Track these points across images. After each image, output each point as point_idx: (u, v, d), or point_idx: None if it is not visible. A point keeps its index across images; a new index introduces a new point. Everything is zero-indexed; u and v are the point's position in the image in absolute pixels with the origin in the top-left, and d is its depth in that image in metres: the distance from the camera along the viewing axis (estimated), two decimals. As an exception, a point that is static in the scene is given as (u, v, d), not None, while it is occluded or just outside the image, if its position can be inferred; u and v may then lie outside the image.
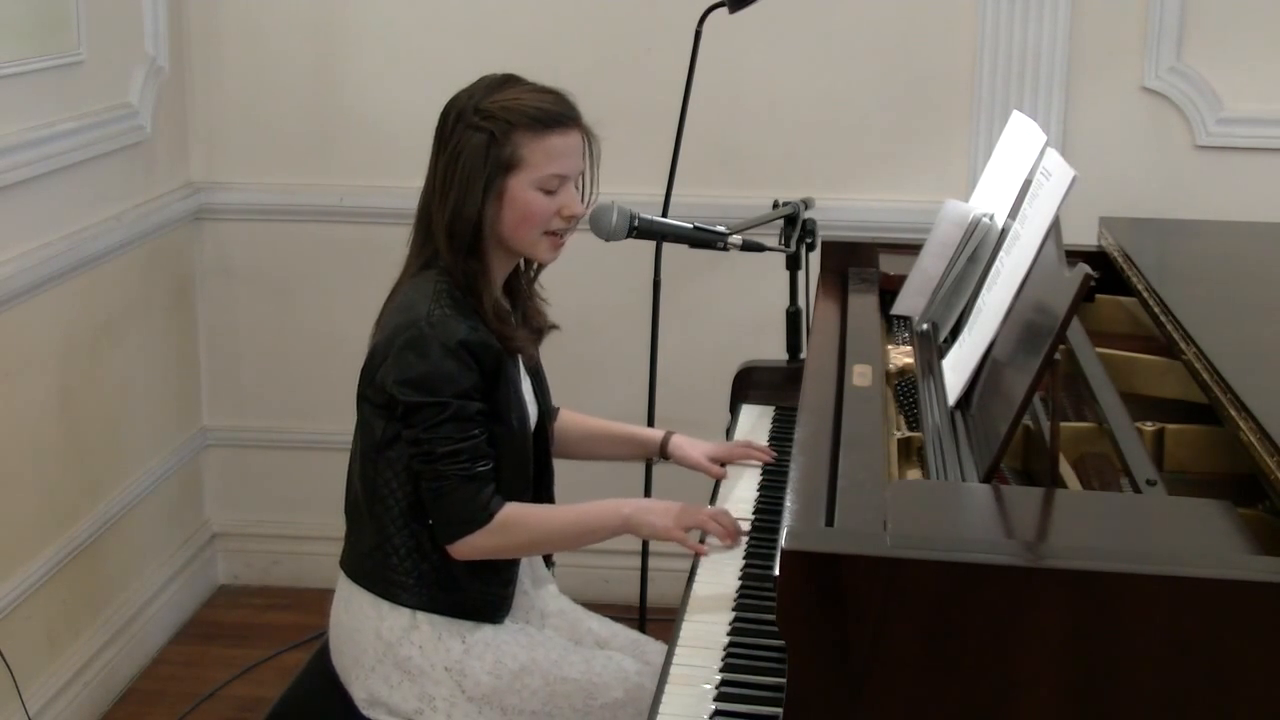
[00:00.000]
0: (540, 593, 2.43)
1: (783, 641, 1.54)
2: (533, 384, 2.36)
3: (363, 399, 2.27)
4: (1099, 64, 3.48)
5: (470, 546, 2.19)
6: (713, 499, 2.46)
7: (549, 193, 2.22)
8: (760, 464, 2.55)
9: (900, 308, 2.55)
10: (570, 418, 2.57)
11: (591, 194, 2.33)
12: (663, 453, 2.57)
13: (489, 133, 2.19)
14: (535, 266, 2.38)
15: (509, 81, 2.26)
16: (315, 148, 3.77)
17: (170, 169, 3.71)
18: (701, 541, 2.26)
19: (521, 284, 2.37)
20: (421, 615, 2.24)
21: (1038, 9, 3.43)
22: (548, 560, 2.48)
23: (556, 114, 2.22)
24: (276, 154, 3.78)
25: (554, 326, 2.42)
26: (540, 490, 2.37)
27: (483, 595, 2.26)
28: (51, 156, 3.12)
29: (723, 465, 2.54)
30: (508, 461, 2.24)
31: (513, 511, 2.21)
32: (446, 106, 2.26)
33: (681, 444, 2.55)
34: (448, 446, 2.16)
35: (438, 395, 2.15)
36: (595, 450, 2.60)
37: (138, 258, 3.53)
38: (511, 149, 2.19)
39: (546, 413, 2.40)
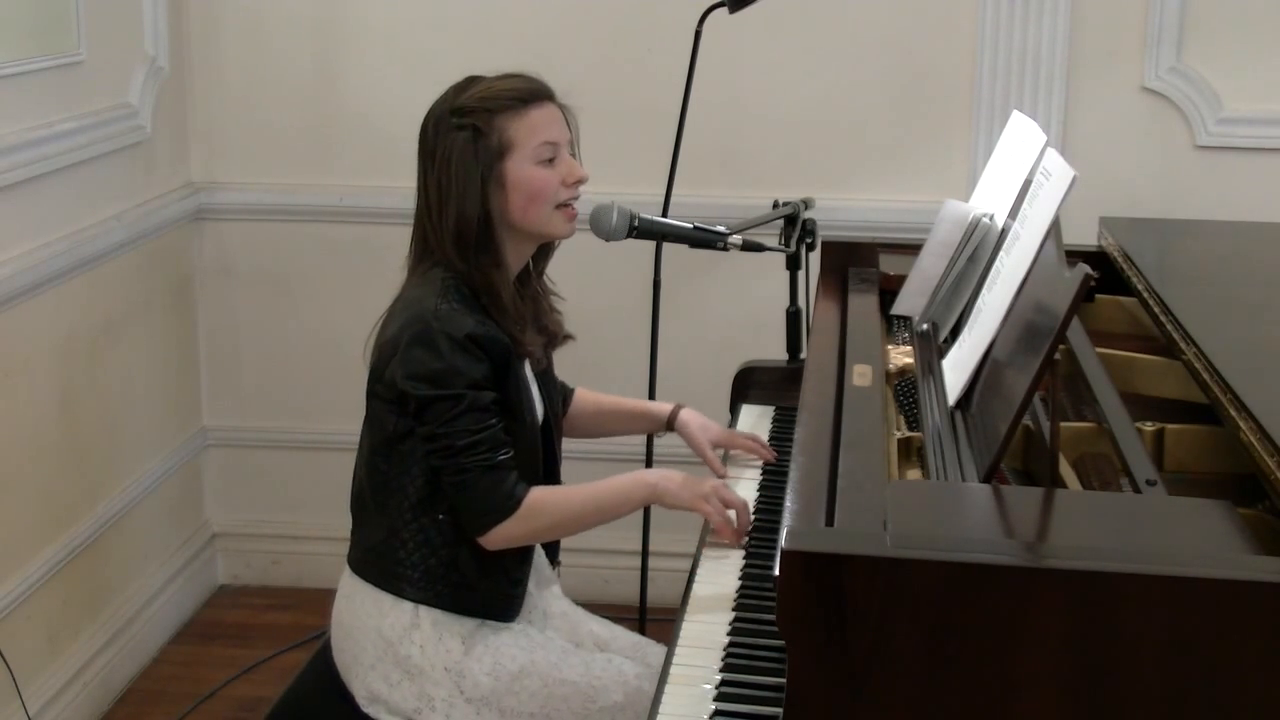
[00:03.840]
0: (544, 593, 2.43)
1: (783, 641, 1.54)
2: (540, 387, 2.36)
3: (372, 395, 2.27)
4: (1099, 64, 3.48)
5: (502, 535, 2.19)
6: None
7: (548, 165, 2.24)
8: (760, 464, 2.55)
9: (900, 308, 2.55)
10: (583, 396, 2.59)
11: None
12: (670, 425, 2.57)
13: (471, 127, 2.21)
14: (544, 260, 2.38)
15: (473, 80, 2.28)
16: (315, 148, 3.77)
17: (170, 169, 3.71)
18: (703, 538, 2.26)
19: (531, 284, 2.38)
20: (424, 612, 2.24)
21: (1038, 9, 3.42)
22: (553, 559, 2.48)
23: (530, 90, 2.25)
24: (276, 154, 3.78)
25: (569, 336, 2.42)
26: None
27: (492, 594, 2.26)
28: (51, 156, 3.12)
29: (725, 453, 2.54)
30: (518, 457, 2.23)
31: (539, 495, 2.21)
32: (424, 120, 2.28)
33: (689, 422, 2.56)
34: (466, 439, 2.16)
35: (450, 388, 2.15)
36: (608, 427, 2.62)
37: (138, 258, 3.53)
38: (498, 135, 2.21)
39: (553, 416, 2.40)
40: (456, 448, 2.16)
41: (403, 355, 2.18)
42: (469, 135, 2.21)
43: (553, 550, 2.49)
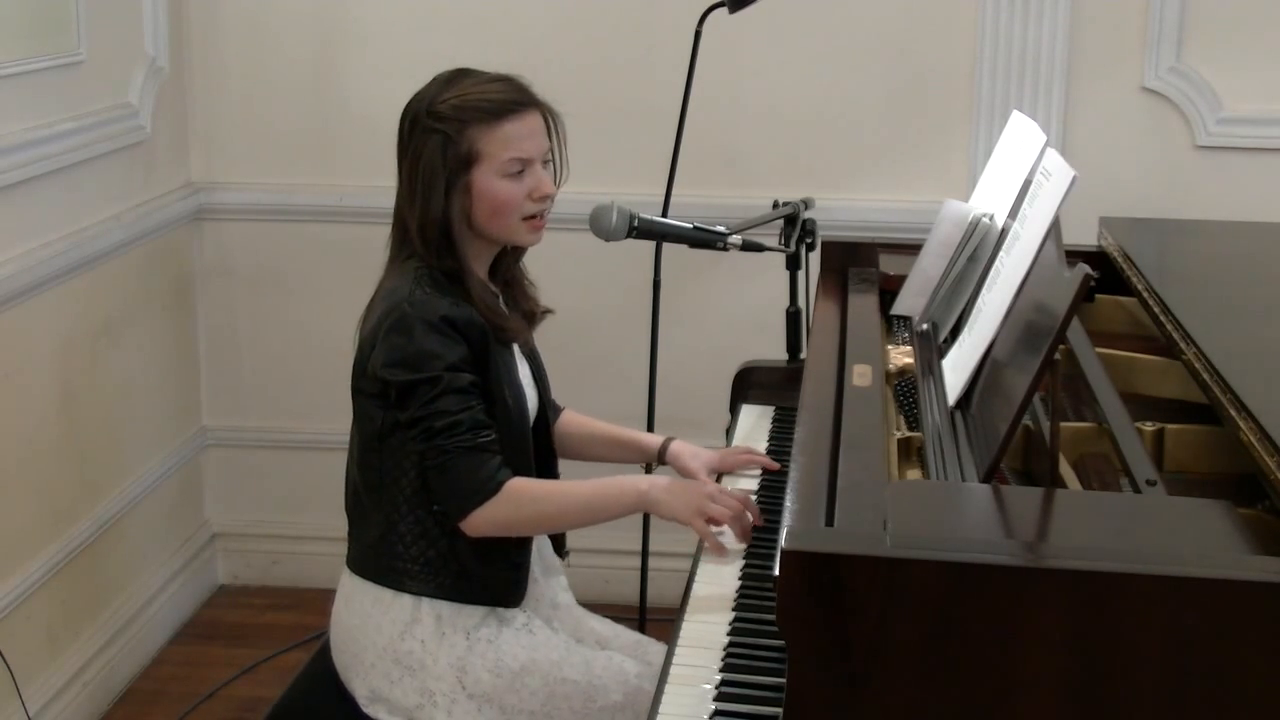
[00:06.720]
0: (551, 582, 2.42)
1: (783, 641, 1.54)
2: (531, 369, 2.36)
3: (357, 392, 2.28)
4: (1099, 64, 3.48)
5: (482, 519, 2.18)
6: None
7: (516, 178, 2.23)
8: (759, 473, 2.53)
9: (900, 308, 2.55)
10: (573, 418, 2.57)
11: (562, 173, 2.33)
12: (661, 459, 2.55)
13: (443, 134, 2.21)
14: (516, 250, 2.38)
15: (459, 76, 2.27)
16: (315, 148, 3.77)
17: (170, 169, 3.71)
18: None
19: (505, 270, 2.37)
20: (426, 607, 2.24)
21: (1038, 9, 3.43)
22: (559, 550, 2.47)
23: (508, 101, 2.23)
24: (276, 154, 3.78)
25: (548, 311, 2.42)
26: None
27: (492, 579, 2.25)
28: (51, 156, 3.12)
29: (719, 477, 2.50)
30: (506, 444, 2.23)
31: (522, 482, 2.20)
32: (404, 111, 2.28)
33: (681, 452, 2.52)
34: (445, 420, 2.15)
35: (427, 370, 2.15)
36: (595, 452, 2.59)
37: (138, 258, 3.53)
38: (468, 145, 2.21)
39: (547, 400, 2.40)
40: (435, 429, 2.15)
41: (381, 344, 2.19)
42: (440, 140, 2.21)
43: (559, 541, 2.48)
